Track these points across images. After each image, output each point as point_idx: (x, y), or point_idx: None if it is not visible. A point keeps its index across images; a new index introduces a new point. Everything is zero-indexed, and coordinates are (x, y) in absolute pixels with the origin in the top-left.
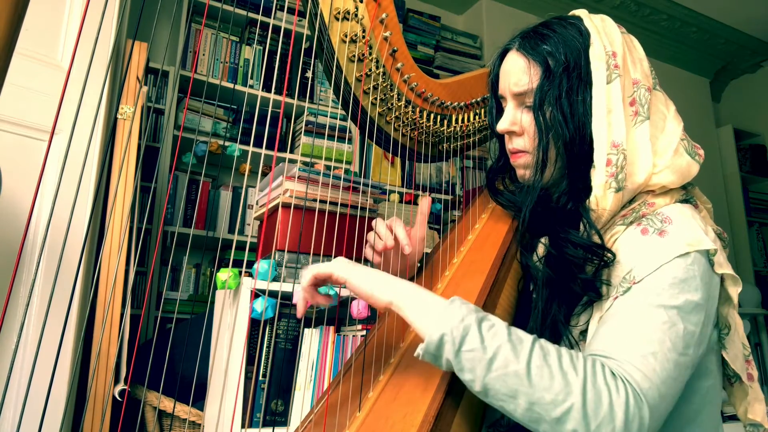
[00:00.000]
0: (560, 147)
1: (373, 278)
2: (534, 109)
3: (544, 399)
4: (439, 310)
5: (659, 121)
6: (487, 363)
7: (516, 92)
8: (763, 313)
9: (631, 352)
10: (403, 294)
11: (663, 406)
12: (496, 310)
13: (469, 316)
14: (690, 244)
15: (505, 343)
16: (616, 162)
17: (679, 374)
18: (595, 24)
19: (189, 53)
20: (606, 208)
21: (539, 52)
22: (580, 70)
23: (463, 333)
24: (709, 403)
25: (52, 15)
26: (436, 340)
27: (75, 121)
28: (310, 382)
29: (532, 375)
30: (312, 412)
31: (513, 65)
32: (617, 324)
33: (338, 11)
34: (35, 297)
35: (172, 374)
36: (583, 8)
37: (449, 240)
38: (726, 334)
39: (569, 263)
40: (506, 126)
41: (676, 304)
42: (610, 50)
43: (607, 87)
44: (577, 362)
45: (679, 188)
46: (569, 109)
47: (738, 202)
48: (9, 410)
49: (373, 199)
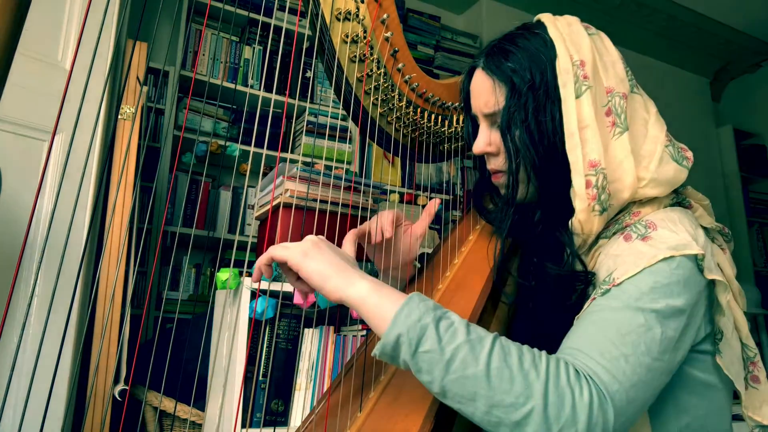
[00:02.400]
0: (530, 171)
1: (328, 270)
2: (501, 132)
3: (504, 402)
4: (395, 308)
5: (640, 128)
6: (444, 365)
7: (486, 113)
8: (763, 313)
9: (601, 353)
10: (359, 290)
11: (630, 410)
12: (498, 309)
13: (426, 316)
14: (675, 248)
15: (463, 344)
16: (597, 183)
17: (651, 379)
18: (560, 30)
19: (189, 53)
20: (593, 230)
21: (503, 70)
22: (546, 86)
23: (420, 333)
24: (718, 409)
25: (52, 15)
26: (392, 341)
27: (77, 122)
28: (310, 382)
29: (492, 377)
30: (313, 412)
31: (480, 86)
32: (591, 324)
33: (339, 12)
34: (36, 297)
35: (172, 374)
36: (584, 9)
37: (450, 240)
38: (719, 340)
39: (554, 291)
40: (481, 147)
41: (656, 307)
42: (577, 60)
43: (577, 102)
44: (540, 362)
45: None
46: (537, 129)
47: (738, 202)
48: (9, 410)
49: (373, 199)
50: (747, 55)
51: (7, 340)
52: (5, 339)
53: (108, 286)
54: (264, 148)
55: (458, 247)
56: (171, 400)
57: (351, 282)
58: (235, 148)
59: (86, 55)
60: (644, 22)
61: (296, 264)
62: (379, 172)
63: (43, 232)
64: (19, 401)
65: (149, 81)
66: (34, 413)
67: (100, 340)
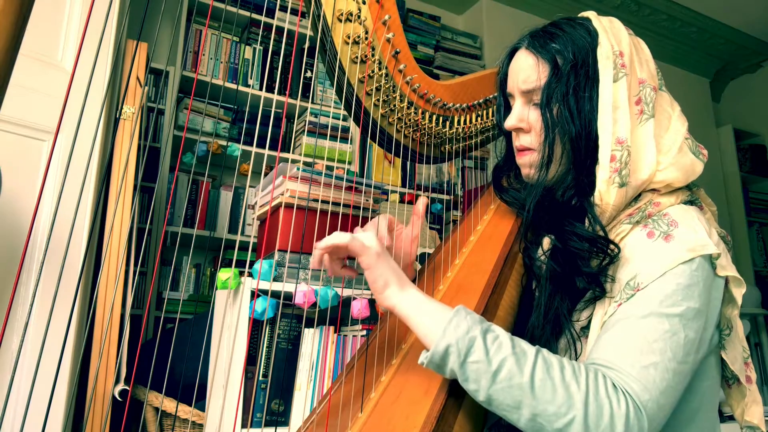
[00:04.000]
0: (566, 143)
1: (392, 277)
2: (541, 106)
3: (547, 411)
4: (444, 320)
5: (664, 120)
6: (491, 375)
7: (524, 89)
8: (763, 313)
9: (631, 363)
10: (411, 300)
11: (661, 416)
12: (499, 310)
13: (474, 328)
14: (694, 250)
15: (509, 356)
16: (620, 158)
17: (678, 383)
18: (603, 25)
19: (189, 53)
20: (610, 202)
21: (548, 50)
22: (587, 68)
23: (469, 345)
24: (708, 402)
25: (52, 15)
26: (441, 351)
27: (79, 122)
28: (310, 382)
29: (536, 388)
30: (314, 412)
31: (522, 63)
32: (619, 333)
33: (341, 13)
34: (37, 297)
35: (172, 374)
36: (584, 9)
37: (451, 241)
38: (727, 335)
39: (574, 256)
40: (514, 123)
41: (678, 312)
42: (617, 50)
43: (614, 85)
44: (580, 375)
45: (684, 188)
46: (576, 105)
47: (738, 202)
48: (10, 410)
49: (373, 199)
50: (747, 55)
51: (9, 340)
52: (7, 339)
53: (108, 286)
54: (265, 149)
55: (459, 248)
56: (171, 401)
57: (406, 292)
58: (235, 148)
59: (87, 56)
60: (644, 22)
61: (369, 263)
62: (379, 172)
63: (45, 233)
64: (20, 401)
65: (149, 81)
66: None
67: (100, 341)
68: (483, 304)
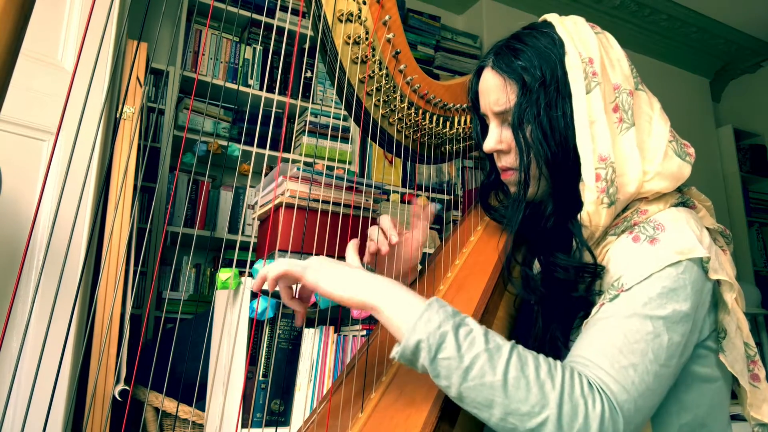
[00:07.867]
0: (542, 166)
1: (345, 279)
2: (513, 128)
3: (520, 410)
4: (416, 313)
5: (645, 124)
6: (463, 372)
7: (496, 111)
8: (763, 313)
9: (611, 363)
10: (379, 294)
11: (638, 418)
12: (500, 310)
13: (446, 323)
14: (681, 252)
15: (482, 353)
16: (606, 176)
17: (658, 386)
18: (567, 29)
19: (189, 53)
20: (600, 224)
21: (514, 68)
22: (557, 82)
23: (440, 340)
24: (719, 404)
25: (52, 15)
26: (411, 346)
27: (80, 122)
28: (310, 382)
29: (509, 386)
30: (315, 412)
31: (490, 84)
32: (600, 331)
33: (342, 13)
34: (37, 297)
35: (172, 374)
36: (584, 9)
37: (451, 241)
38: (723, 338)
39: (561, 283)
40: (492, 145)
41: (663, 314)
42: (586, 57)
43: (587, 97)
44: (555, 372)
45: (673, 191)
46: (549, 124)
47: (738, 202)
48: (10, 410)
49: (373, 199)
50: (747, 55)
51: (9, 340)
52: (7, 339)
53: (109, 286)
54: (265, 149)
55: (459, 248)
56: (172, 401)
57: (370, 287)
58: (235, 148)
59: (87, 56)
60: (644, 22)
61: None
62: (379, 172)
63: (45, 233)
64: (20, 401)
65: (149, 81)
66: (35, 413)
67: (100, 341)
68: (483, 305)
